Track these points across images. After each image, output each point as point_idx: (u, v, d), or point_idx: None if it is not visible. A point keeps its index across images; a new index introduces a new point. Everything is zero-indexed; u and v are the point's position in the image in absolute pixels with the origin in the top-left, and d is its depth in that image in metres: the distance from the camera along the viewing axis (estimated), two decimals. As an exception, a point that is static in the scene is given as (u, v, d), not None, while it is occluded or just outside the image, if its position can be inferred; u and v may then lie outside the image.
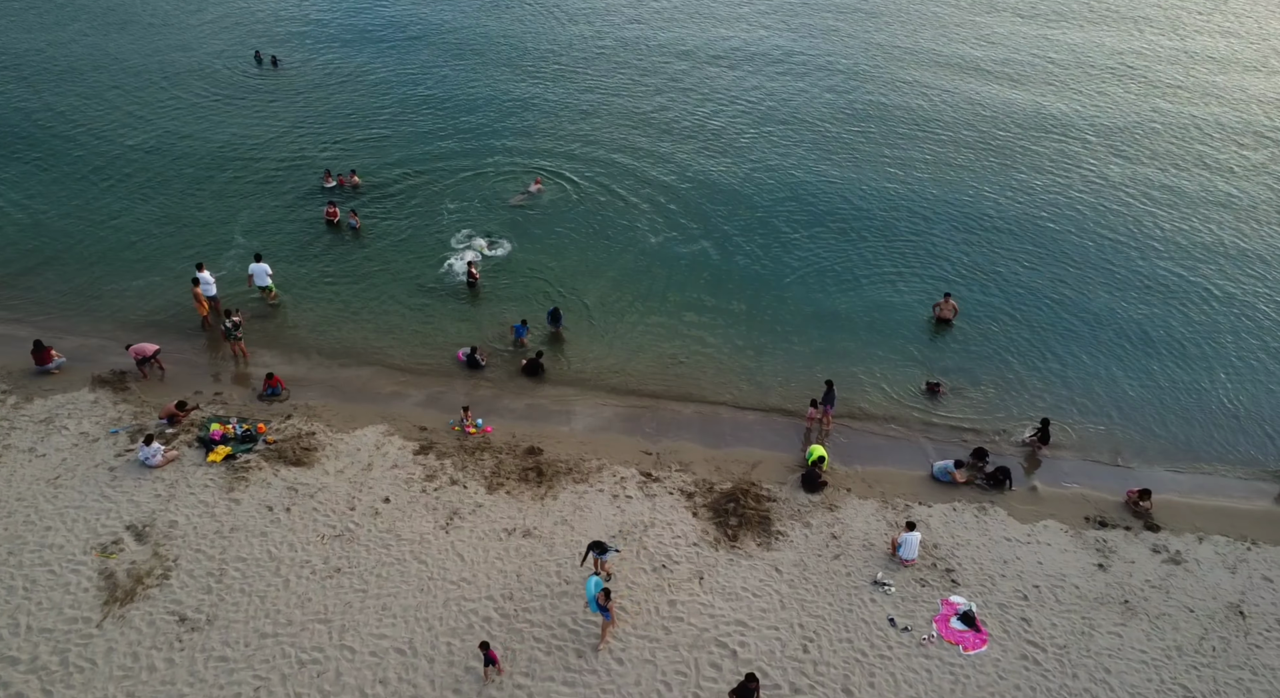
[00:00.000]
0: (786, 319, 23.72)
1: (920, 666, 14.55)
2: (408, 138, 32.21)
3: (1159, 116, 33.53)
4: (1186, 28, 41.73)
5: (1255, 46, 40.06)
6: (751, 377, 21.74)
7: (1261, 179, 29.81)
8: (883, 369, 21.98)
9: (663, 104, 34.26)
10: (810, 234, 27.01)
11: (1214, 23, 42.52)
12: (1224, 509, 18.17)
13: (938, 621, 15.34)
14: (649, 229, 27.23)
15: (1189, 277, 25.24)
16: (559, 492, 17.92)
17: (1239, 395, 21.26)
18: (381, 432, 19.40)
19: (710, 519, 17.41)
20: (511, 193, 28.93)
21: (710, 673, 14.31)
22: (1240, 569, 16.53)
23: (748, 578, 16.11)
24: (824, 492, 18.23)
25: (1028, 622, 15.34)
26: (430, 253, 26.10)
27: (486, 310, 23.89)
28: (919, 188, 29.26)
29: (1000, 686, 14.25)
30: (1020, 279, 25.11)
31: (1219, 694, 14.11)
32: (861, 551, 16.83)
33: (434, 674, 14.07)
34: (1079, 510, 17.91)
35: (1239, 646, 14.96)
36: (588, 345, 22.75)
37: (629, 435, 19.85)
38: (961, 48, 39.12)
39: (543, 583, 15.77)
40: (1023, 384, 21.51)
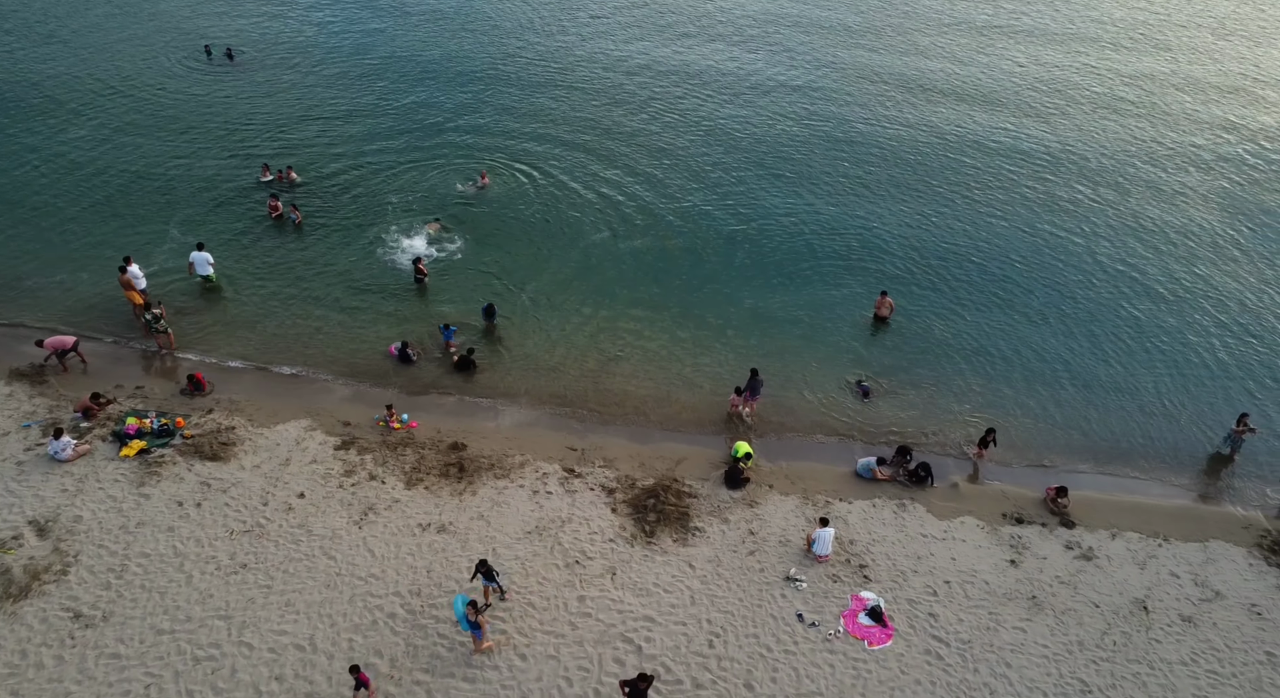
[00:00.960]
0: (727, 316, 23.68)
1: (824, 661, 14.58)
2: (357, 131, 31.87)
3: (1102, 125, 33.87)
4: (1115, 41, 42.39)
5: (1198, 61, 40.80)
6: (686, 374, 21.65)
7: (1203, 187, 30.23)
8: (818, 368, 21.97)
9: (613, 102, 34.10)
10: (755, 232, 26.99)
11: (1145, 35, 43.26)
12: (1140, 506, 18.32)
13: (846, 616, 15.38)
14: (595, 225, 27.13)
15: (1131, 277, 25.38)
16: (479, 488, 17.79)
17: (1171, 395, 21.37)
18: (304, 427, 19.18)
19: (629, 515, 17.36)
20: (459, 186, 28.76)
21: (613, 669, 14.25)
22: (1150, 565, 16.71)
23: (661, 574, 16.08)
24: (746, 488, 18.23)
25: (935, 617, 15.43)
26: (372, 247, 25.80)
27: (429, 305, 23.67)
28: (864, 188, 29.26)
29: (901, 680, 14.33)
30: (961, 278, 25.17)
31: (1115, 688, 14.27)
32: (778, 547, 16.85)
33: (332, 671, 13.90)
34: (998, 508, 18.03)
35: (1139, 640, 15.12)
36: (524, 341, 22.57)
37: (556, 431, 19.76)
38: (910, 59, 39.42)
39: (453, 579, 15.63)
40: (956, 383, 21.54)
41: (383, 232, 26.68)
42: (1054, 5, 42.93)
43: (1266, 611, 15.67)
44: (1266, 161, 30.57)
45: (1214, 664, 14.65)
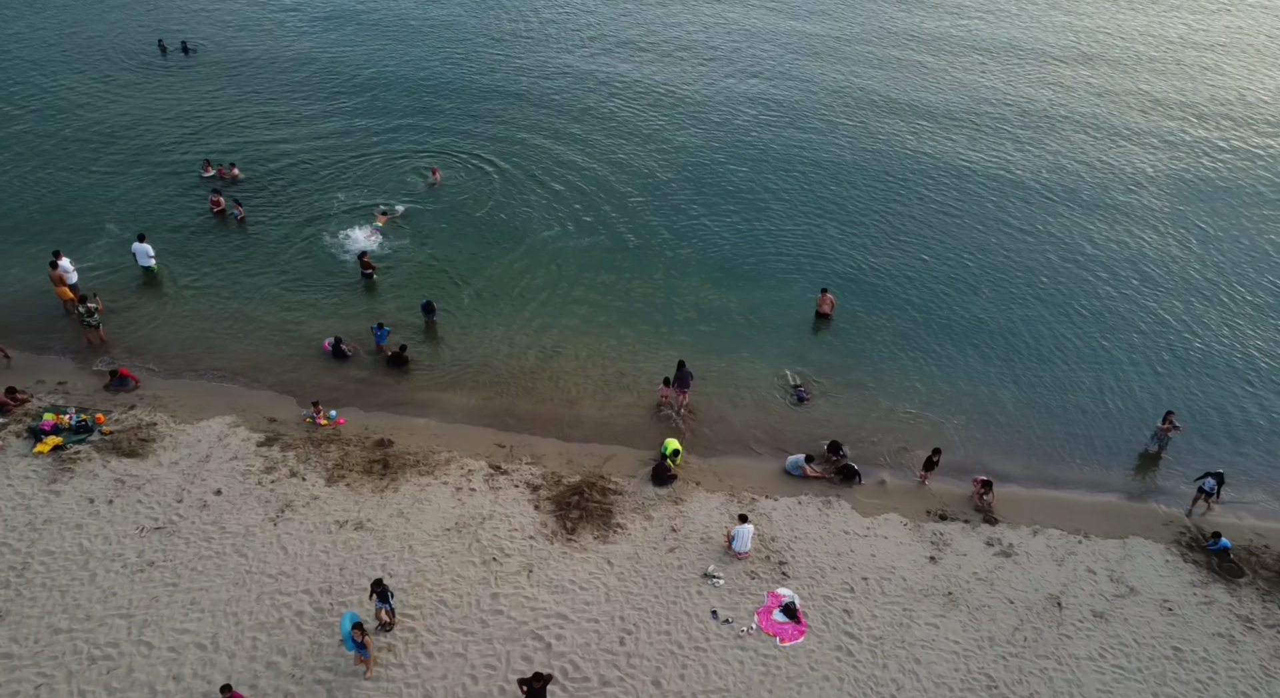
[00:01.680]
0: (669, 314, 23.55)
1: (734, 657, 14.53)
2: (310, 126, 31.57)
3: (1049, 133, 34.08)
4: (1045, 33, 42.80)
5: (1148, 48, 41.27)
6: (624, 371, 21.52)
7: (1149, 188, 30.48)
8: (757, 366, 21.84)
9: (568, 104, 33.86)
10: (702, 229, 26.88)
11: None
12: (1066, 503, 18.34)
13: (760, 613, 15.35)
14: (544, 222, 26.95)
15: (1074, 277, 25.43)
16: (401, 485, 17.61)
17: (1109, 394, 21.37)
18: (228, 424, 18.91)
19: (552, 513, 17.24)
20: (411, 181, 28.65)
21: (521, 666, 14.11)
22: (1068, 562, 16.78)
23: (578, 571, 15.98)
24: (672, 485, 18.14)
25: (849, 613, 15.41)
26: (317, 242, 25.55)
27: (375, 301, 23.48)
28: (811, 187, 29.16)
29: (810, 677, 14.29)
30: (907, 275, 25.13)
31: (1021, 684, 14.30)
32: (699, 543, 16.79)
33: (233, 670, 13.68)
34: (923, 504, 18.03)
35: (1050, 636, 15.17)
36: (463, 338, 22.40)
37: (487, 428, 19.59)
38: (860, 68, 39.52)
39: (365, 577, 15.42)
40: (896, 382, 21.46)
41: (329, 227, 26.42)
42: (1000, 17, 43.31)
43: (1178, 606, 15.77)
44: (1212, 171, 30.88)
45: (1121, 660, 14.73)
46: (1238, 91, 34.70)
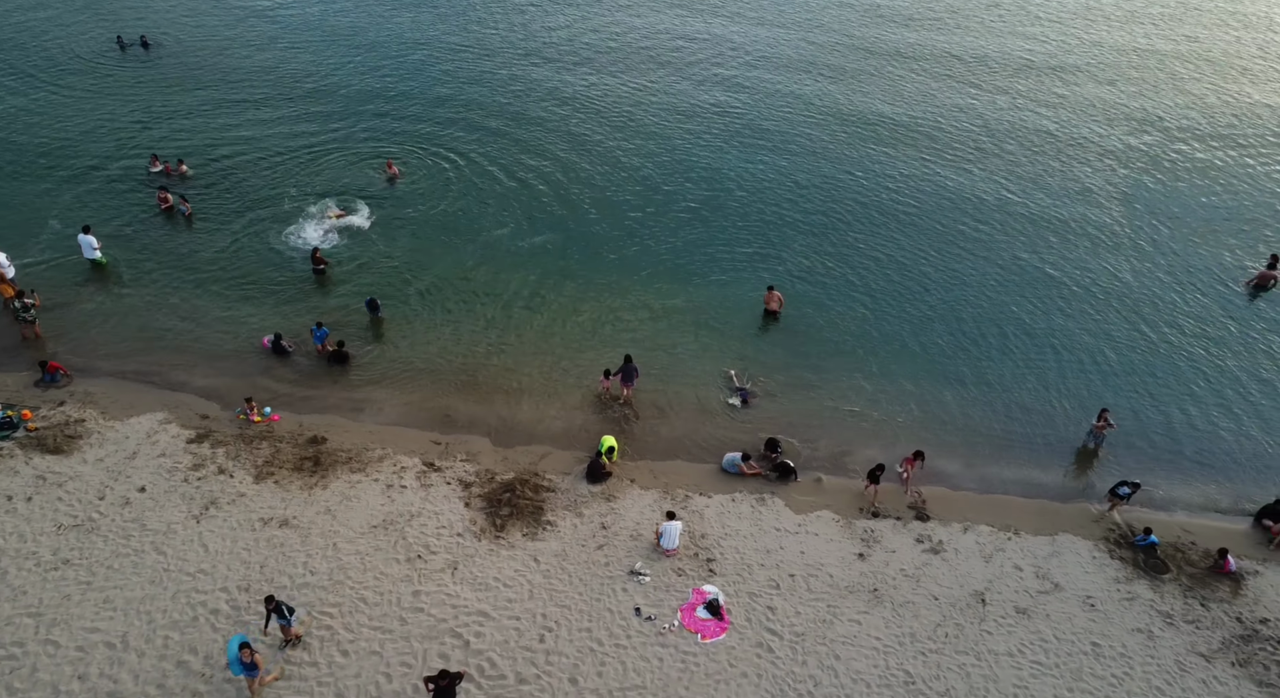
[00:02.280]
0: (617, 311, 23.46)
1: (654, 655, 14.46)
2: (267, 122, 31.39)
3: (1007, 124, 34.20)
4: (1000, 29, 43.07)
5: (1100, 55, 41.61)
6: (567, 369, 21.37)
7: (1098, 194, 30.65)
8: (701, 364, 21.70)
9: (526, 98, 33.75)
10: (658, 226, 26.81)
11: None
12: (999, 500, 18.31)
13: (683, 610, 15.29)
14: (497, 219, 26.83)
15: (1022, 277, 25.37)
16: (331, 481, 17.44)
17: (1053, 392, 21.36)
18: (159, 420, 18.69)
19: (482, 509, 17.14)
20: (362, 177, 28.30)
21: (437, 664, 13.98)
22: (996, 558, 16.82)
23: (503, 568, 15.87)
24: (607, 482, 18.10)
25: (773, 610, 15.39)
26: (268, 238, 25.38)
27: (325, 297, 23.30)
28: (765, 184, 29.09)
29: (728, 673, 14.26)
30: (858, 273, 25.06)
31: (938, 679, 14.33)
32: (628, 541, 16.72)
33: (141, 669, 13.50)
34: (857, 502, 18.01)
35: (972, 632, 15.20)
36: (407, 334, 22.25)
37: (424, 425, 19.45)
38: (823, 62, 39.65)
39: (286, 574, 15.30)
40: (841, 381, 21.35)
41: (281, 223, 26.28)
42: (962, 28, 43.55)
43: (1100, 603, 15.85)
44: (1161, 182, 31.05)
45: (1040, 655, 14.77)
46: (1188, 104, 35.01)
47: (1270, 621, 15.52)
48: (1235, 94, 34.53)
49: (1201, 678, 14.43)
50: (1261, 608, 15.81)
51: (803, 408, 20.62)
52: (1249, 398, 21.03)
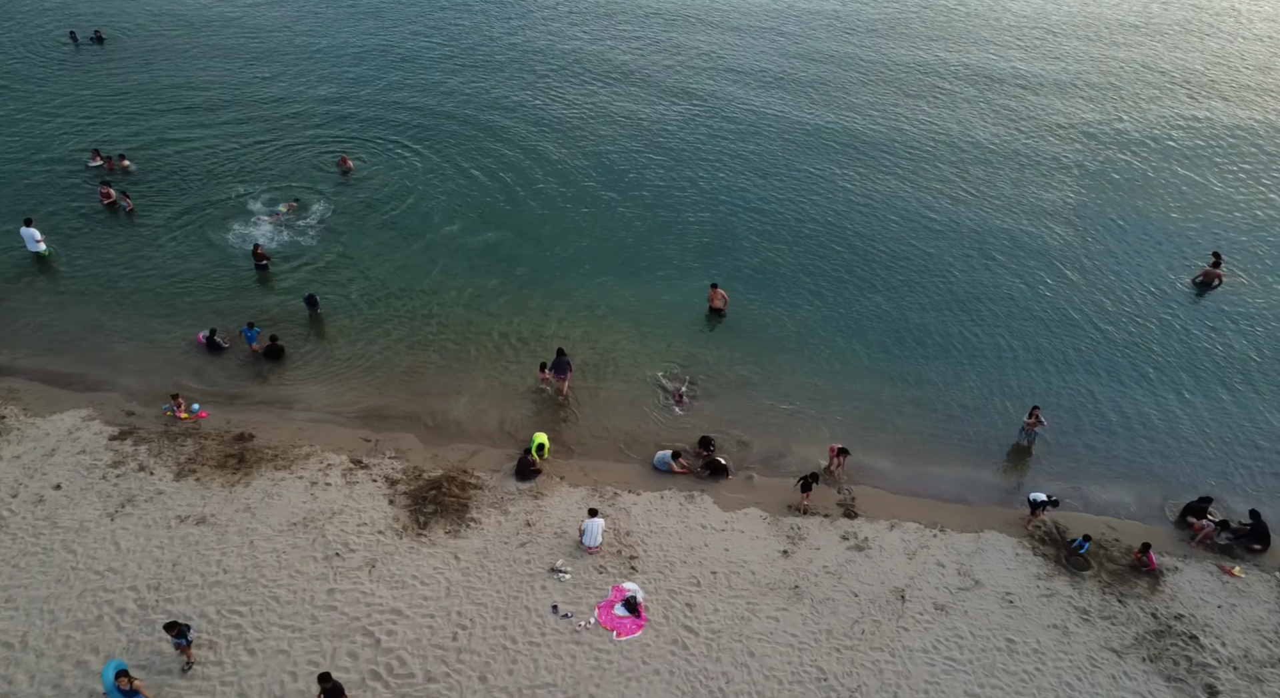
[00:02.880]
0: (561, 309, 23.30)
1: (568, 652, 14.39)
2: (216, 114, 31.12)
3: (951, 127, 34.29)
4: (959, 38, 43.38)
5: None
6: (505, 366, 21.22)
7: (1047, 188, 30.72)
8: (640, 363, 21.57)
9: (483, 96, 33.58)
10: (610, 222, 26.70)
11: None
12: (929, 496, 18.26)
13: (601, 607, 15.21)
14: (447, 216, 26.69)
15: (965, 277, 25.37)
16: (254, 479, 17.23)
17: (991, 390, 21.40)
18: (82, 417, 18.40)
19: (407, 507, 16.98)
20: (314, 172, 28.09)
21: (345, 663, 13.86)
22: (919, 555, 16.84)
23: (422, 566, 15.73)
24: (535, 480, 18.00)
25: (691, 607, 15.33)
26: (211, 234, 25.11)
27: (266, 293, 23.09)
28: (717, 183, 29.01)
29: (640, 670, 14.18)
30: (806, 271, 25.01)
31: (850, 675, 14.32)
32: (552, 538, 16.62)
33: (38, 669, 13.25)
34: (786, 499, 17.98)
35: (889, 629, 15.22)
36: (345, 331, 22.03)
37: (355, 422, 19.26)
38: (771, 57, 39.71)
39: (197, 572, 15.10)
40: (781, 380, 21.28)
41: (227, 219, 26.05)
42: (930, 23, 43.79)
43: (1019, 599, 15.89)
44: (1115, 169, 31.38)
45: (954, 651, 14.80)
46: (1137, 112, 35.31)
47: (1184, 616, 15.63)
48: (1183, 105, 34.88)
49: (1111, 673, 14.51)
50: (1177, 604, 15.92)
51: (740, 406, 20.56)
52: (1183, 396, 21.15)
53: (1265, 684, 14.38)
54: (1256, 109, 33.98)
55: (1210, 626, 15.42)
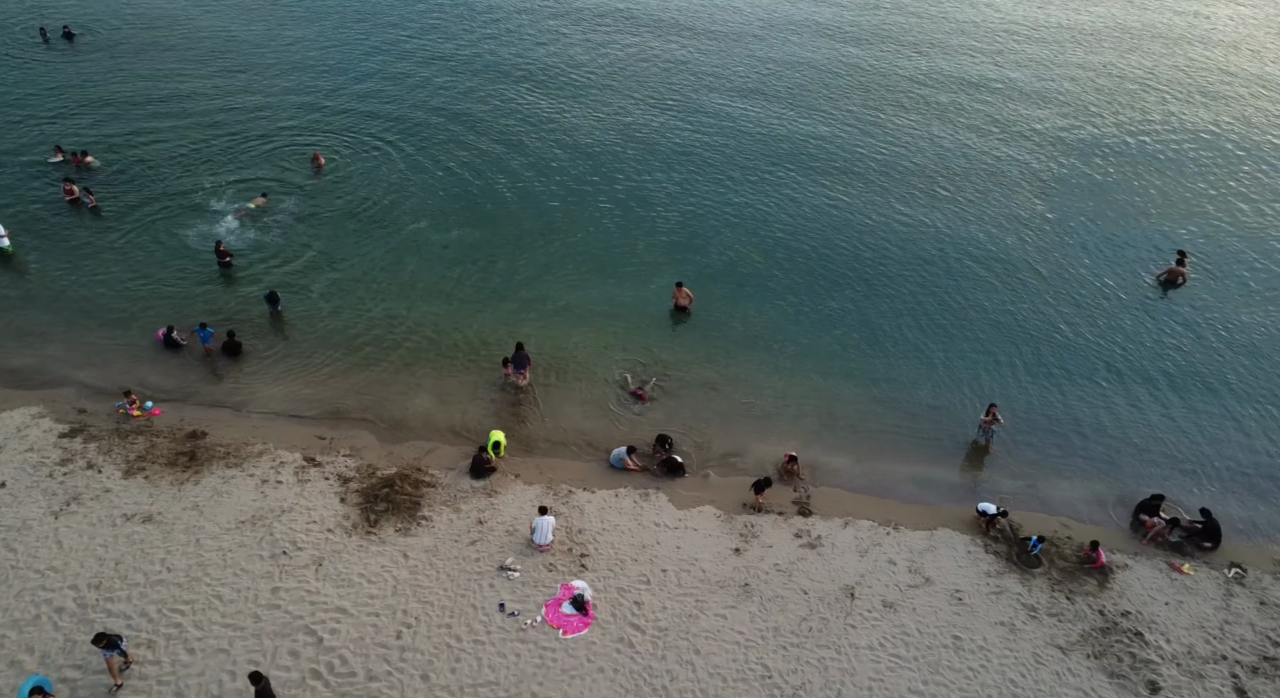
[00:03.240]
0: (529, 308, 23.22)
1: (512, 650, 14.31)
2: (186, 111, 30.95)
3: (923, 126, 34.39)
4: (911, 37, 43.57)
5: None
6: (465, 365, 21.09)
7: (1017, 193, 30.95)
8: (602, 361, 21.49)
9: (457, 94, 33.45)
10: (581, 219, 26.64)
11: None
12: (885, 494, 18.21)
13: (549, 605, 15.15)
14: (421, 210, 26.67)
15: (925, 276, 25.34)
16: (204, 477, 17.10)
17: (953, 388, 21.41)
18: (32, 414, 18.23)
19: (358, 505, 16.87)
20: (285, 167, 27.96)
21: (286, 661, 13.76)
22: (871, 553, 16.86)
23: (370, 564, 15.62)
24: (490, 478, 17.94)
25: (640, 605, 15.28)
26: (174, 230, 24.98)
27: (230, 290, 22.95)
28: (684, 181, 28.93)
29: (584, 668, 14.13)
30: (770, 270, 25.03)
31: (795, 673, 14.29)
32: (503, 536, 16.55)
33: (-29, 668, 13.19)
34: (741, 497, 17.91)
35: (836, 626, 15.21)
36: (306, 328, 21.92)
37: (312, 420, 19.16)
38: (740, 59, 39.74)
39: (140, 571, 14.96)
40: (743, 379, 21.23)
41: (192, 215, 25.93)
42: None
43: (968, 596, 15.92)
44: (1081, 173, 31.52)
45: (900, 649, 14.81)
46: (1107, 109, 35.52)
47: (1131, 613, 15.70)
48: (1154, 106, 35.09)
49: (1056, 670, 14.54)
50: (1125, 601, 15.99)
51: (701, 405, 20.50)
52: (1142, 394, 21.18)
53: (1207, 681, 14.48)
54: (1222, 112, 34.30)
55: (1156, 622, 15.51)
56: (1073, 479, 19.09)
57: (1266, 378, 21.74)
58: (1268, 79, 37.05)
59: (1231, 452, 19.68)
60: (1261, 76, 37.34)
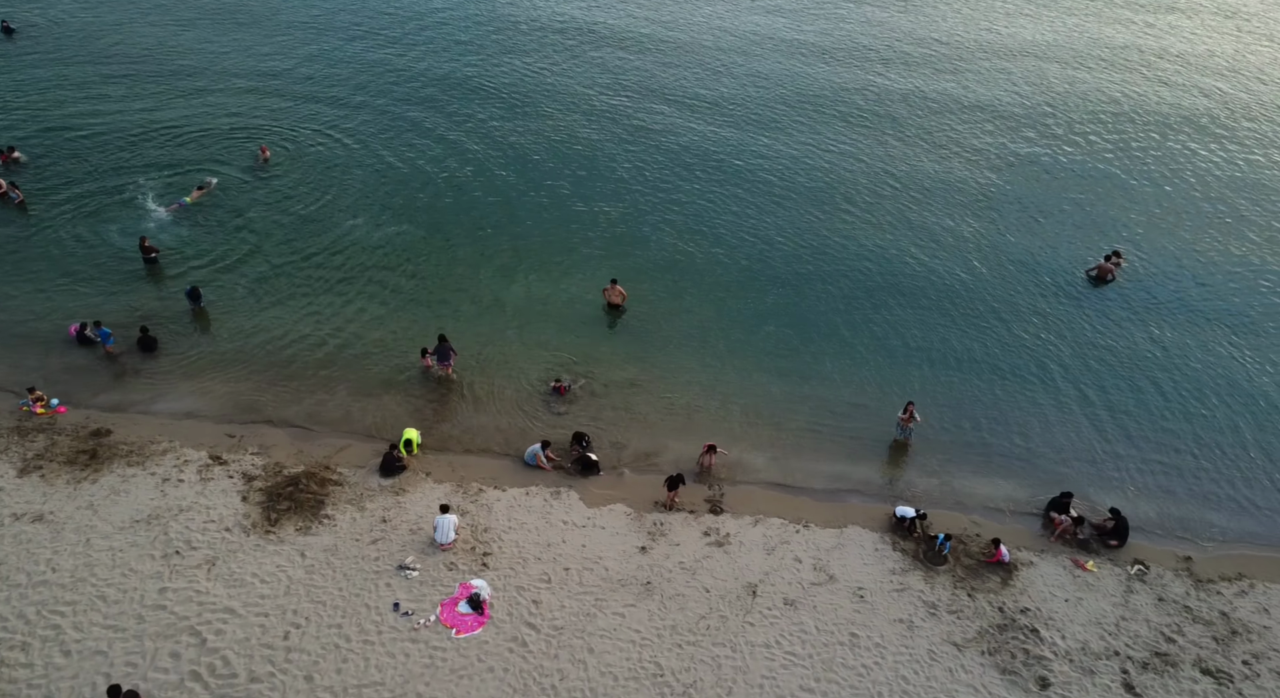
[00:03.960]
0: (456, 304, 23.04)
1: (402, 650, 14.13)
2: (125, 106, 30.41)
3: (860, 122, 34.40)
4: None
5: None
6: (386, 361, 20.84)
7: (956, 186, 30.99)
8: (528, 359, 21.27)
9: (404, 86, 33.12)
10: (521, 212, 26.51)
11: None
12: (800, 492, 18.21)
13: (444, 605, 14.96)
14: (359, 206, 26.37)
15: (861, 274, 25.32)
16: (103, 476, 16.76)
17: (880, 386, 21.36)
18: (-72, 412, 17.94)
19: (260, 504, 16.60)
20: (225, 161, 27.61)
21: (166, 663, 13.47)
22: (779, 551, 16.82)
23: (265, 564, 15.37)
24: (400, 476, 17.74)
25: (537, 604, 15.14)
26: (103, 225, 24.52)
27: (155, 286, 22.56)
28: (626, 180, 28.77)
29: (474, 668, 13.96)
30: (717, 264, 24.96)
31: (688, 671, 14.18)
32: (407, 535, 16.35)
33: None
34: (655, 495, 17.77)
35: (734, 624, 15.14)
36: (227, 325, 21.60)
37: (223, 417, 18.85)
38: (684, 63, 39.73)
39: (23, 572, 14.60)
40: (669, 377, 21.10)
41: (122, 210, 25.47)
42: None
43: (870, 594, 15.91)
44: (1015, 171, 31.66)
45: (796, 646, 14.76)
46: (1043, 102, 35.82)
47: (1031, 610, 15.76)
48: (1090, 97, 35.44)
49: (949, 667, 14.56)
50: (1026, 598, 16.06)
51: (624, 402, 20.39)
52: (1063, 391, 21.25)
53: (1097, 677, 14.55)
54: (1168, 101, 34.72)
55: (1054, 619, 15.58)
56: (989, 477, 19.15)
57: (1186, 378, 21.92)
58: (1209, 89, 37.69)
59: (1148, 450, 19.81)
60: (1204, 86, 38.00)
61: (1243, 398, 21.43)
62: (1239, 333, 23.55)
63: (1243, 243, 27.15)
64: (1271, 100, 35.57)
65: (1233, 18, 43.76)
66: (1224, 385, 21.73)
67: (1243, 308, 24.51)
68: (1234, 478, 19.35)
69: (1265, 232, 27.57)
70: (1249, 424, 20.70)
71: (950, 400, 20.95)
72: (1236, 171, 30.75)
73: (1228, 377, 22.02)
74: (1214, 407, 21.12)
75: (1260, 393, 21.67)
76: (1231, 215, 28.25)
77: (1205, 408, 21.07)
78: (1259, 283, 25.50)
